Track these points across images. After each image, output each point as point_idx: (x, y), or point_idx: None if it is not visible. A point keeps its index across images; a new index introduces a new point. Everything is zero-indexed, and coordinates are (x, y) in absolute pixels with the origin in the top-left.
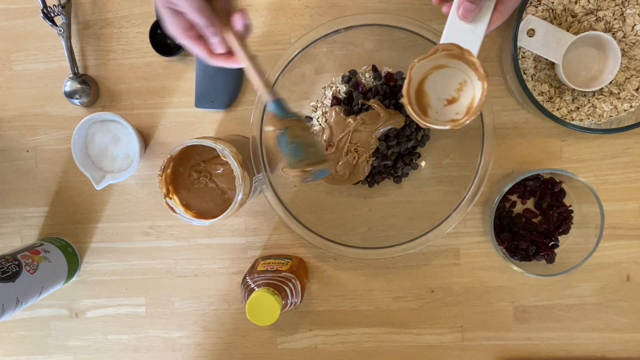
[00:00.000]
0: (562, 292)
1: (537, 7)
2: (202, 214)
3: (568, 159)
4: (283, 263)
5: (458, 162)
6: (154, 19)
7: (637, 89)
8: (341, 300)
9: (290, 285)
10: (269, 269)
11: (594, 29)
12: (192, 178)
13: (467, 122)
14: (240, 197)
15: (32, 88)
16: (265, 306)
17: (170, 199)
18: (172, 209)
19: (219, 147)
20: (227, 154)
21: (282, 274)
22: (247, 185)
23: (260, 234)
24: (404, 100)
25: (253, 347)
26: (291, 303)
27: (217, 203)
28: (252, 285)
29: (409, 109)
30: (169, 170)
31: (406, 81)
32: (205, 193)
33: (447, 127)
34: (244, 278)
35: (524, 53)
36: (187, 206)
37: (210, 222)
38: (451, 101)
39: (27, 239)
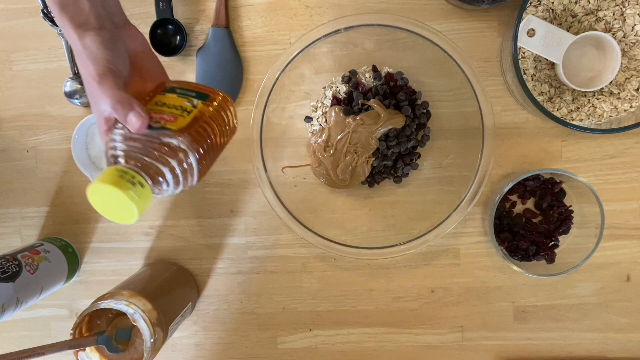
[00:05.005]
0: (562, 292)
1: (537, 7)
2: None
3: (568, 159)
4: (183, 111)
5: (458, 162)
6: (154, 19)
7: (637, 89)
8: (341, 300)
9: (175, 161)
10: (159, 118)
11: (594, 29)
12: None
13: None
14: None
15: (32, 88)
16: (113, 202)
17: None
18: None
19: (130, 310)
20: (137, 318)
21: (166, 139)
22: (159, 342)
23: (260, 234)
24: None
25: (253, 347)
26: (175, 184)
27: None
28: (118, 152)
29: None
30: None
31: None
32: None
33: None
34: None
35: (524, 53)
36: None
37: None
38: None
39: (27, 239)
